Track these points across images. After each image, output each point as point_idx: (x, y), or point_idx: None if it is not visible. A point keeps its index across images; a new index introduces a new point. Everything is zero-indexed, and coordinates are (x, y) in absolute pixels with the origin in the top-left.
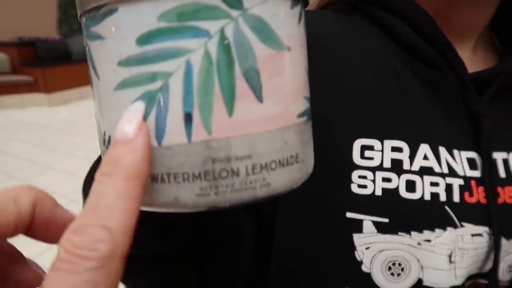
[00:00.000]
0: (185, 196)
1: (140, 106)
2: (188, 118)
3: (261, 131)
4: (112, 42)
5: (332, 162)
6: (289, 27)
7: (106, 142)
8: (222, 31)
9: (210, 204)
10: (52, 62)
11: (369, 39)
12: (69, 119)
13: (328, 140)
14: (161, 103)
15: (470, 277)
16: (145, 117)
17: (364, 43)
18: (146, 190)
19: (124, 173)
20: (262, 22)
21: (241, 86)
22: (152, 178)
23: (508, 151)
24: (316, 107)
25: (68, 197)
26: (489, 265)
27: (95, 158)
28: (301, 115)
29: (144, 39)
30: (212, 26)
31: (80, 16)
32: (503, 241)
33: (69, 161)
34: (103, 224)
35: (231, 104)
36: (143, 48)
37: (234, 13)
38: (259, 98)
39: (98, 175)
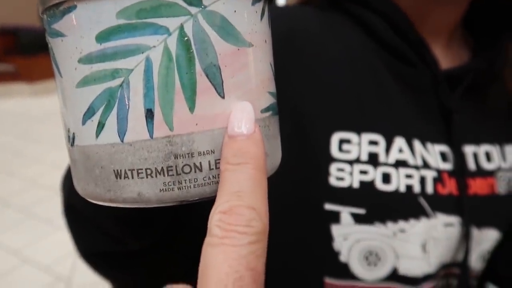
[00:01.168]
0: (149, 191)
1: (248, 104)
2: (149, 114)
3: (223, 127)
4: (73, 39)
5: (311, 155)
6: (251, 23)
7: (71, 140)
8: (181, 27)
9: (174, 199)
10: (35, 51)
11: (347, 35)
12: (53, 110)
13: (307, 133)
14: (122, 100)
15: (444, 267)
16: (106, 114)
17: (342, 39)
18: (110, 187)
19: (254, 163)
20: (222, 19)
21: (202, 82)
22: (115, 174)
23: (478, 144)
24: (294, 100)
25: (53, 189)
26: (461, 254)
27: None
28: (265, 110)
29: (103, 36)
30: (172, 22)
31: (41, 13)
32: (475, 231)
33: (55, 152)
34: (251, 206)
35: (193, 100)
36: (103, 45)
37: (193, 9)
38: (220, 94)
39: (225, 165)
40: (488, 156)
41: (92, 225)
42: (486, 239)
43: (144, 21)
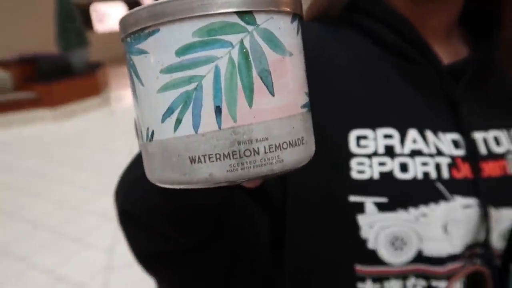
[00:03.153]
0: (218, 172)
1: None
2: (218, 110)
3: (274, 118)
4: (155, 55)
5: (332, 153)
6: (290, 37)
7: (150, 136)
8: (241, 42)
9: (238, 178)
10: (54, 77)
11: (354, 43)
12: (75, 133)
13: (326, 134)
14: (197, 100)
15: (469, 247)
16: (183, 112)
17: (349, 46)
18: (185, 171)
19: None
20: (271, 34)
21: (258, 83)
22: (191, 160)
23: (486, 130)
24: (312, 103)
25: (79, 209)
26: (482, 234)
27: (102, 170)
28: (303, 106)
29: (181, 51)
30: (234, 38)
31: (124, 37)
32: (492, 211)
33: (78, 173)
34: None
35: (251, 98)
36: (181, 58)
37: (250, 27)
38: (272, 93)
39: None
40: (497, 140)
41: (145, 227)
42: (504, 218)
43: (213, 38)
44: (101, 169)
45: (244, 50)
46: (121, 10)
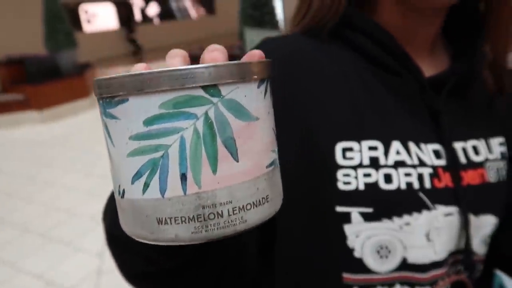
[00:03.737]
0: (183, 234)
1: None
2: (183, 177)
3: (238, 182)
4: (124, 122)
5: (318, 165)
6: (257, 102)
7: (121, 193)
8: (206, 113)
9: (202, 239)
10: (42, 79)
11: (339, 55)
12: (63, 135)
13: (312, 145)
14: (163, 167)
15: (452, 254)
16: (150, 177)
17: (335, 58)
18: (153, 230)
19: None
20: (236, 103)
21: (222, 151)
22: (158, 221)
23: (465, 140)
24: (299, 117)
25: (69, 211)
26: (464, 241)
27: (92, 172)
28: (269, 165)
29: (149, 121)
30: (199, 110)
31: (98, 98)
32: (472, 218)
33: (67, 176)
34: None
35: (215, 165)
36: (148, 128)
37: (215, 99)
38: (236, 159)
39: None
40: (476, 150)
41: (131, 250)
42: (484, 224)
43: (179, 110)
44: (91, 172)
45: (209, 121)
46: (110, 10)
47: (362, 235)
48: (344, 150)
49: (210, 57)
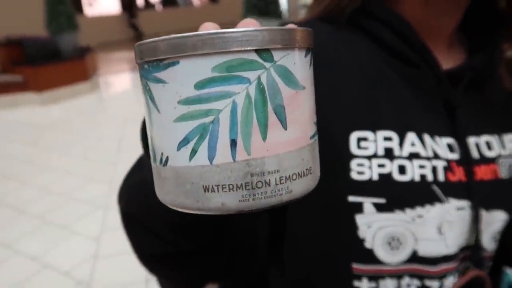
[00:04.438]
0: (230, 202)
1: None
2: (233, 143)
3: (286, 151)
4: (174, 86)
5: (333, 153)
6: (304, 71)
7: (164, 161)
8: (259, 78)
9: (248, 208)
10: (42, 61)
11: (356, 44)
12: (63, 118)
13: (327, 134)
14: (213, 132)
15: (462, 249)
16: (199, 143)
17: (352, 47)
18: (198, 198)
19: None
20: (286, 70)
21: (272, 118)
22: (204, 189)
23: (479, 135)
24: (316, 104)
25: (66, 196)
26: (474, 237)
27: (91, 156)
28: (312, 136)
29: (200, 85)
30: (252, 74)
31: (141, 63)
32: (483, 213)
33: (65, 159)
34: None
35: (265, 132)
36: (200, 92)
37: (267, 64)
38: (284, 127)
39: None
40: (489, 145)
41: (147, 230)
42: (495, 220)
43: (232, 74)
44: (89, 156)
45: (261, 86)
46: None
47: (374, 226)
48: (359, 139)
49: (247, 23)
